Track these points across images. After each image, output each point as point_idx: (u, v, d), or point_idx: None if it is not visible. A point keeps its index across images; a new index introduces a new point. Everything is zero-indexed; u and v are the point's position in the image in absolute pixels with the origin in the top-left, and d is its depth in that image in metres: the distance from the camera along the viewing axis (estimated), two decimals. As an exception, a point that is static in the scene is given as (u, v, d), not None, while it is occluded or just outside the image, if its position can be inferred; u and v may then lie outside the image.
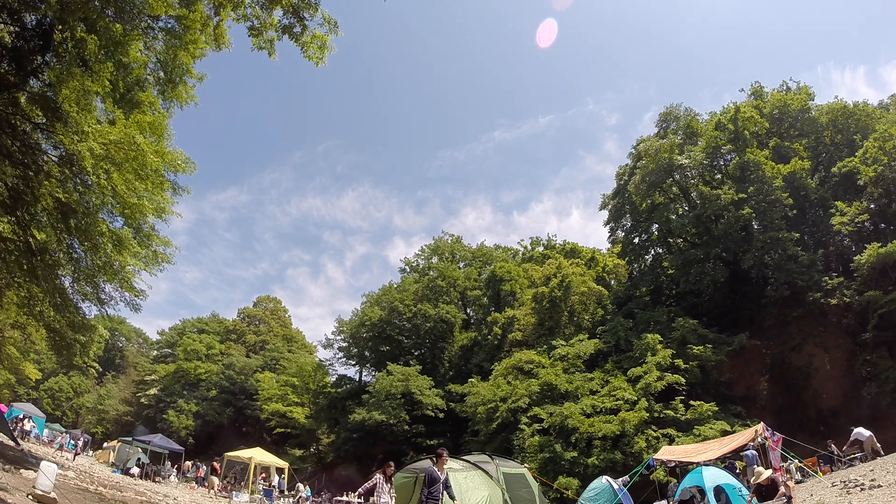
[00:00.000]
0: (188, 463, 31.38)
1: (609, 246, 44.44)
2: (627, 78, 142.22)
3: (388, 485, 8.68)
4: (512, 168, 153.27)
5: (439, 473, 7.92)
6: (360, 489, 8.97)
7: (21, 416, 30.80)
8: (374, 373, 46.86)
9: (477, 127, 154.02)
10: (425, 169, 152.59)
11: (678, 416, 24.44)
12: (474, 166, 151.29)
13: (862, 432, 16.56)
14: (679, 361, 26.27)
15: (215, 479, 25.65)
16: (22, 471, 11.94)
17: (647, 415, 24.70)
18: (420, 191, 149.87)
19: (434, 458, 8.28)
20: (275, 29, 9.79)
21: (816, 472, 16.49)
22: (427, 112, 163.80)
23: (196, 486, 27.36)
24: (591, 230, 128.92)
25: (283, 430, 46.97)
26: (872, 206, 28.74)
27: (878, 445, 16.06)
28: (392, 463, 9.17)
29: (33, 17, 9.52)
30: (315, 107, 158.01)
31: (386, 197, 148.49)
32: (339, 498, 29.97)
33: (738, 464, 17.98)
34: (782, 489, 8.69)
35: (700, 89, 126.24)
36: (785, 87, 37.10)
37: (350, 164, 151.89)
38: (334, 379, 51.52)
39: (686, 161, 34.66)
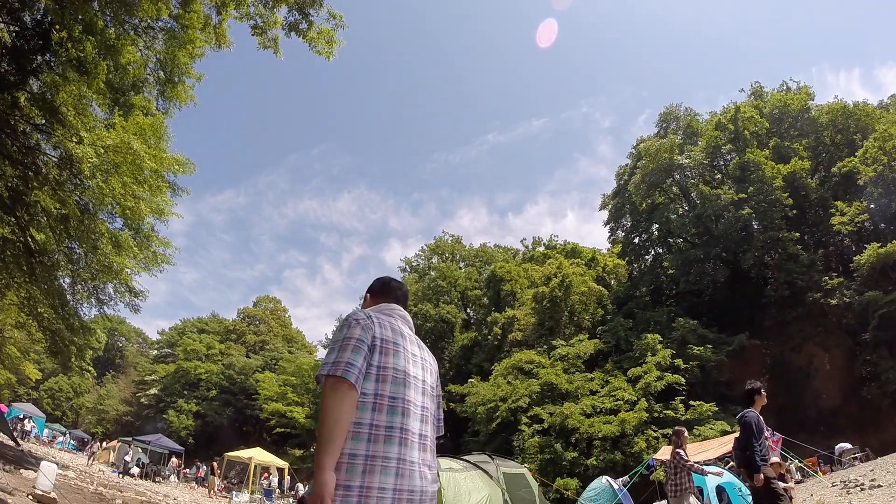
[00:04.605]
0: (175, 460, 31.05)
1: (609, 246, 44.47)
2: (620, 80, 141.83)
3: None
4: (506, 170, 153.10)
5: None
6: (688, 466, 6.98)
7: (21, 416, 30.81)
8: (373, 373, 46.77)
9: (470, 129, 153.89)
10: (420, 171, 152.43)
11: (678, 416, 24.42)
12: (468, 168, 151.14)
13: (843, 445, 17.31)
14: (679, 361, 26.26)
15: (215, 479, 25.65)
16: (22, 471, 11.94)
17: (647, 415, 24.70)
18: (415, 193, 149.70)
19: (751, 395, 5.79)
20: (280, 26, 9.78)
21: (816, 472, 16.51)
22: (421, 114, 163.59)
23: (196, 486, 27.37)
24: (586, 231, 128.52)
25: (282, 429, 46.92)
26: (872, 206, 28.74)
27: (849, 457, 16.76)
28: (682, 428, 7.38)
29: (31, 16, 9.51)
30: (310, 110, 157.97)
31: (381, 199, 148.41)
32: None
33: (735, 463, 17.99)
34: (791, 491, 8.63)
35: (693, 92, 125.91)
36: (785, 87, 37.13)
37: (345, 166, 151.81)
38: (334, 379, 51.40)
39: (686, 161, 34.67)
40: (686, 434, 7.26)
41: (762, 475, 5.26)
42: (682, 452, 6.92)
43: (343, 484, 1.62)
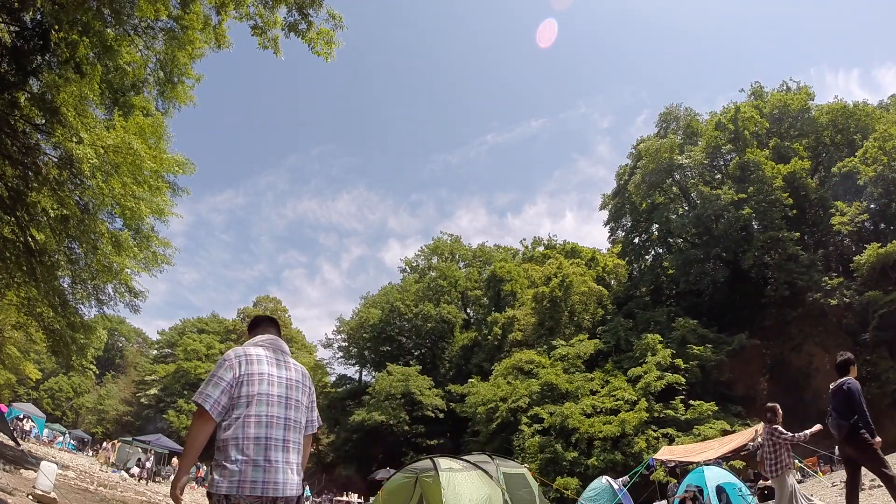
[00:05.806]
0: (175, 460, 30.94)
1: (609, 246, 44.48)
2: (619, 81, 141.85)
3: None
4: (505, 170, 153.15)
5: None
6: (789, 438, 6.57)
7: (21, 416, 30.80)
8: (374, 373, 46.86)
9: (469, 130, 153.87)
10: (418, 171, 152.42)
11: (678, 416, 24.43)
12: (467, 169, 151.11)
13: None
14: (679, 361, 26.26)
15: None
16: (22, 471, 11.95)
17: (647, 415, 24.69)
18: (414, 193, 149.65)
19: (847, 365, 5.50)
20: (280, 27, 9.76)
21: (816, 472, 16.51)
22: (420, 115, 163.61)
23: (196, 485, 27.36)
24: (585, 232, 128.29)
25: (282, 430, 46.88)
26: (872, 206, 28.76)
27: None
28: (776, 404, 6.88)
29: (31, 16, 9.50)
30: (310, 110, 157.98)
31: (380, 199, 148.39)
32: (339, 498, 30.01)
33: (735, 463, 17.98)
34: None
35: (693, 92, 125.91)
36: (785, 87, 37.13)
37: (344, 167, 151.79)
38: (334, 379, 51.53)
39: (686, 161, 34.67)
40: (780, 410, 6.98)
41: (879, 439, 5.09)
42: (780, 428, 6.77)
43: (227, 479, 2.26)
